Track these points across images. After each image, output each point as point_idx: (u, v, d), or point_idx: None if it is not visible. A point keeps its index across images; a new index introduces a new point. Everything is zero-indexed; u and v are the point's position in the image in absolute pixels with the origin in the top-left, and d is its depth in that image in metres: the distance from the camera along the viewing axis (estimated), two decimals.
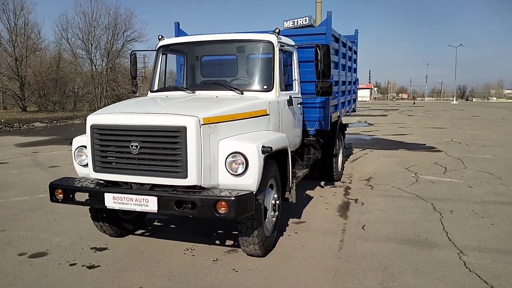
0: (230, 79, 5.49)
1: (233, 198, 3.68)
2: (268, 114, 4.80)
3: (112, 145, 4.06)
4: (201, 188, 3.92)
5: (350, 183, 8.20)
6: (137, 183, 4.06)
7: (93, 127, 4.12)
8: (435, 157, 11.13)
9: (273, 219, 4.60)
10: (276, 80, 5.05)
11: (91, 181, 4.33)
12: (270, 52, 5.09)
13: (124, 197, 3.95)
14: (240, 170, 3.93)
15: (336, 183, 8.11)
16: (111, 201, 4.00)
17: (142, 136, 3.92)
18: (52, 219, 5.84)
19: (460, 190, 7.42)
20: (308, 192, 7.39)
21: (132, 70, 5.99)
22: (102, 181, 4.25)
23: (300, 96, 5.80)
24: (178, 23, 6.91)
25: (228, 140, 4.03)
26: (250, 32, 5.54)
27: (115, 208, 4.04)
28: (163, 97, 5.17)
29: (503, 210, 6.18)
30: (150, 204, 3.87)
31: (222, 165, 3.97)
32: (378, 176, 8.78)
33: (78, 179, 4.46)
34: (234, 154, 3.94)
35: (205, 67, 6.05)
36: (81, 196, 4.24)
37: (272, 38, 5.12)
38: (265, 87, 5.08)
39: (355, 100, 9.96)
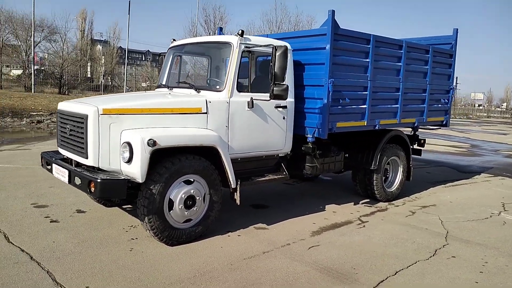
0: (207, 78, 5.79)
1: (98, 180, 4.16)
2: (205, 113, 4.92)
3: (61, 126, 5.04)
4: (101, 170, 4.50)
5: (397, 206, 7.13)
6: (72, 159, 4.92)
7: (57, 111, 5.20)
8: None
9: (186, 213, 4.74)
10: (230, 81, 5.09)
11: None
12: (229, 53, 5.16)
13: (57, 168, 4.90)
14: (126, 159, 4.33)
15: (381, 203, 7.19)
16: (55, 171, 4.99)
17: (70, 120, 4.77)
18: None
19: None
20: (330, 205, 6.86)
21: (159, 70, 6.87)
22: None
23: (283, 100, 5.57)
24: (221, 27, 7.45)
25: (129, 131, 4.45)
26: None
27: (56, 177, 5.01)
28: (142, 91, 5.87)
29: None
30: (65, 176, 4.69)
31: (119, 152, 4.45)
32: (448, 205, 7.30)
33: None
34: (125, 144, 4.36)
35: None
36: None
37: (233, 39, 5.17)
38: (217, 87, 5.20)
39: (446, 112, 8.37)
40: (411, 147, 7.93)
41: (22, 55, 31.38)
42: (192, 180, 4.78)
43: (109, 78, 42.87)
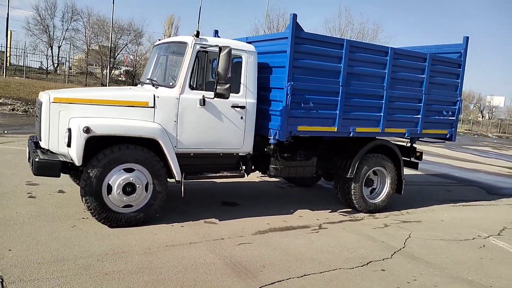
0: (169, 75, 6.15)
1: (36, 159, 4.70)
2: (152, 107, 5.26)
3: (36, 112, 5.72)
4: (52, 152, 5.06)
5: (376, 218, 6.88)
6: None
7: (36, 101, 5.89)
8: None
9: (125, 199, 5.09)
10: (181, 79, 5.39)
11: None
12: (184, 53, 5.47)
13: (26, 149, 5.56)
14: (67, 143, 4.82)
15: (361, 214, 6.97)
16: (26, 151, 5.67)
17: (37, 108, 5.40)
18: None
19: (483, 264, 5.16)
20: (303, 210, 6.83)
21: None
22: None
23: (241, 100, 5.75)
24: (217, 30, 7.77)
25: (75, 119, 4.94)
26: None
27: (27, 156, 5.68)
28: (116, 86, 6.39)
29: None
30: (27, 155, 5.33)
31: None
32: (435, 223, 6.89)
33: None
34: (67, 129, 4.86)
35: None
36: None
37: (188, 39, 5.48)
38: (170, 83, 5.53)
39: (452, 125, 7.80)
40: (404, 159, 7.54)
41: (108, 56, 34.52)
42: (133, 168, 5.14)
43: None
